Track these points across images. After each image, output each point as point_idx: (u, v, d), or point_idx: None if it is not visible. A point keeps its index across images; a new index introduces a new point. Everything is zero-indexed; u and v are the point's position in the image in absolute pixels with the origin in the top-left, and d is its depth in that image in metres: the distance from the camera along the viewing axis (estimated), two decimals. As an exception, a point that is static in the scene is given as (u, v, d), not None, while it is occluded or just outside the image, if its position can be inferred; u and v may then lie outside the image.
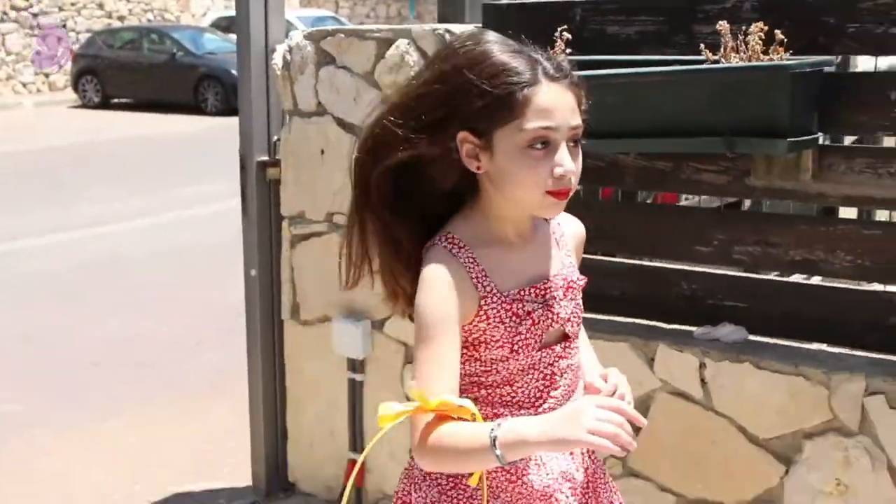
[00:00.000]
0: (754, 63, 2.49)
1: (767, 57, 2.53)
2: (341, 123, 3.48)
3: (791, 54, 2.54)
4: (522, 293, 1.73)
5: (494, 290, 1.71)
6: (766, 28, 2.53)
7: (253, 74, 3.62)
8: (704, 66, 2.54)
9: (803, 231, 2.80)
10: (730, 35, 2.54)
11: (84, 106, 19.96)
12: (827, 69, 2.57)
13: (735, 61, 2.55)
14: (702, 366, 2.88)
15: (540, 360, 1.75)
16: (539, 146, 1.65)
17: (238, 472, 4.11)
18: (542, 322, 1.73)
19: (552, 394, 1.76)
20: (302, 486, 3.90)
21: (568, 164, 1.65)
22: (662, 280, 3.04)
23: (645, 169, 2.99)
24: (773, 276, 3.11)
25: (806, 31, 2.62)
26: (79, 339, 5.98)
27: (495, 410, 1.74)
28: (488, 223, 1.75)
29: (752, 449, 2.82)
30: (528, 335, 1.72)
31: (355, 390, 3.63)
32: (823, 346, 2.83)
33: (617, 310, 3.13)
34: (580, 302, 1.81)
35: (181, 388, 5.13)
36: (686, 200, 4.69)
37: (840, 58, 3.58)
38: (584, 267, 3.14)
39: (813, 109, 2.53)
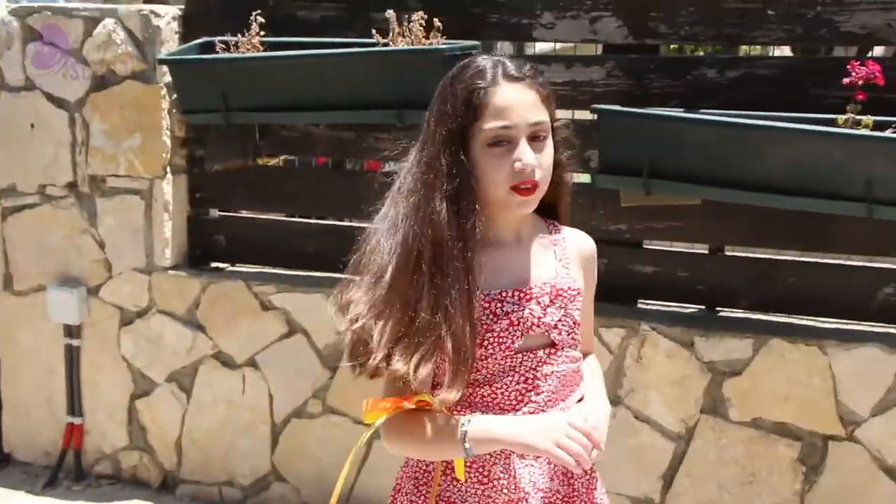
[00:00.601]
0: (416, 47, 2.94)
1: (428, 41, 2.99)
2: (51, 98, 3.64)
3: (447, 39, 3.01)
4: (503, 294, 1.74)
5: (480, 288, 1.72)
6: (426, 17, 2.98)
7: (-44, 50, 3.70)
8: (376, 48, 2.96)
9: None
10: (396, 22, 2.96)
11: None
12: (475, 52, 3.06)
13: (402, 45, 2.99)
14: (386, 309, 3.32)
15: (521, 363, 1.75)
16: (500, 144, 1.68)
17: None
18: (521, 324, 1.73)
19: (533, 398, 1.75)
20: (18, 456, 3.99)
21: (526, 157, 1.67)
22: (351, 237, 3.44)
23: (333, 139, 3.39)
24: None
25: (458, 20, 3.10)
26: None
27: (474, 412, 1.74)
28: (487, 221, 1.74)
29: (430, 378, 3.29)
30: (503, 335, 1.73)
31: (73, 355, 3.80)
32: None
33: (314, 265, 3.51)
34: (572, 312, 1.79)
35: None
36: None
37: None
38: (289, 230, 3.55)
39: (465, 86, 3.02)
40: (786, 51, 3.88)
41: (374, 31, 3.01)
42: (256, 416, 3.58)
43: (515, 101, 1.67)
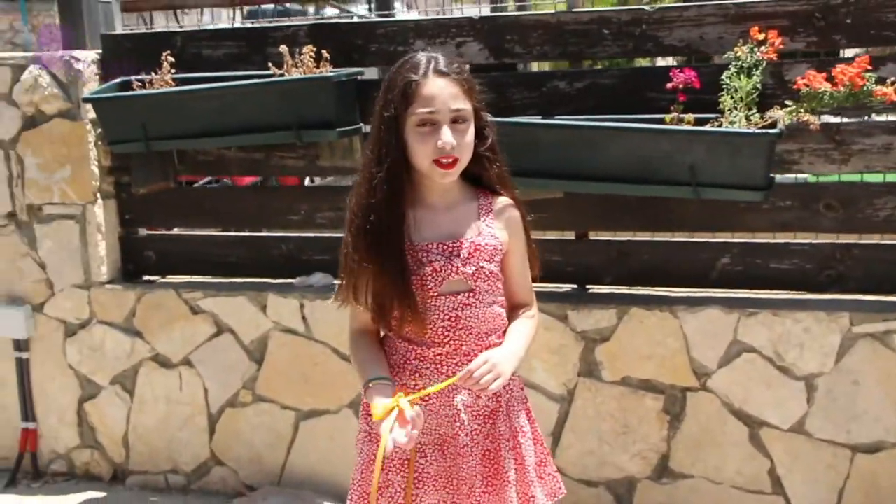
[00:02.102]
0: (308, 75, 3.38)
1: (318, 70, 3.43)
2: (-14, 138, 4.02)
3: (335, 67, 3.45)
4: (430, 245, 2.18)
5: (408, 240, 2.17)
6: (315, 49, 3.42)
7: None
8: (273, 79, 3.39)
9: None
10: (288, 55, 3.40)
11: None
12: (361, 77, 3.51)
13: (295, 74, 3.42)
14: (301, 306, 3.76)
15: (444, 304, 2.17)
16: (426, 125, 2.10)
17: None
18: (443, 271, 2.16)
19: (458, 334, 2.19)
20: (-23, 463, 4.37)
21: (445, 137, 2.08)
22: (266, 245, 3.89)
23: (245, 160, 3.82)
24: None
25: (344, 51, 3.54)
26: None
27: (411, 346, 2.22)
28: (421, 187, 2.19)
29: (344, 365, 3.74)
30: (426, 279, 2.16)
31: (23, 367, 4.18)
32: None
33: (235, 272, 3.94)
34: (489, 265, 2.20)
35: None
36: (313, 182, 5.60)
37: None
38: (211, 242, 3.96)
39: (353, 106, 3.46)
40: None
41: (270, 64, 3.44)
42: (194, 410, 3.99)
43: (440, 92, 2.09)
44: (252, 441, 3.93)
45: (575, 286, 3.62)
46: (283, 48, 3.41)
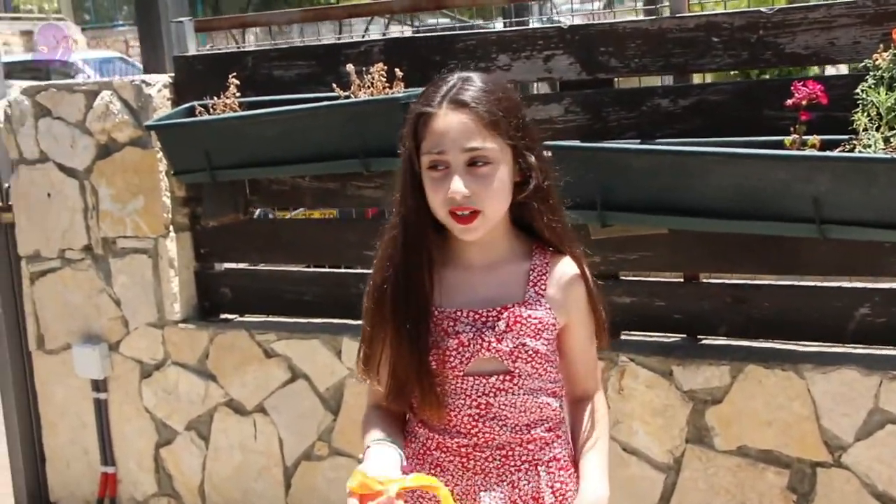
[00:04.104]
0: (373, 97, 3.02)
1: (390, 91, 3.06)
2: (62, 168, 3.84)
3: (409, 87, 3.07)
4: (458, 313, 1.76)
5: (435, 304, 1.77)
6: (385, 67, 3.05)
7: (-23, 129, 3.94)
8: (334, 102, 3.04)
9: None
10: (355, 75, 3.04)
11: None
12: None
13: (363, 96, 3.06)
14: (377, 352, 3.38)
15: (472, 386, 1.76)
16: (437, 168, 1.70)
17: (5, 501, 4.37)
18: (471, 346, 1.74)
19: (487, 425, 1.76)
20: (63, 504, 4.22)
21: (454, 185, 1.67)
22: (343, 282, 3.54)
23: (320, 189, 3.49)
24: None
25: (419, 68, 3.16)
26: None
27: (432, 433, 1.80)
28: (454, 241, 1.79)
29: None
30: (451, 354, 1.74)
31: (101, 408, 3.98)
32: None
33: (311, 311, 3.61)
34: (533, 342, 1.76)
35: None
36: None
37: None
38: (279, 276, 3.65)
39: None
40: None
41: (334, 85, 3.09)
42: (269, 460, 3.69)
43: (451, 128, 1.68)
44: (328, 497, 3.58)
45: (683, 336, 3.11)
46: (350, 67, 3.06)
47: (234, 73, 3.36)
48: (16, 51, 24.02)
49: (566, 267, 1.84)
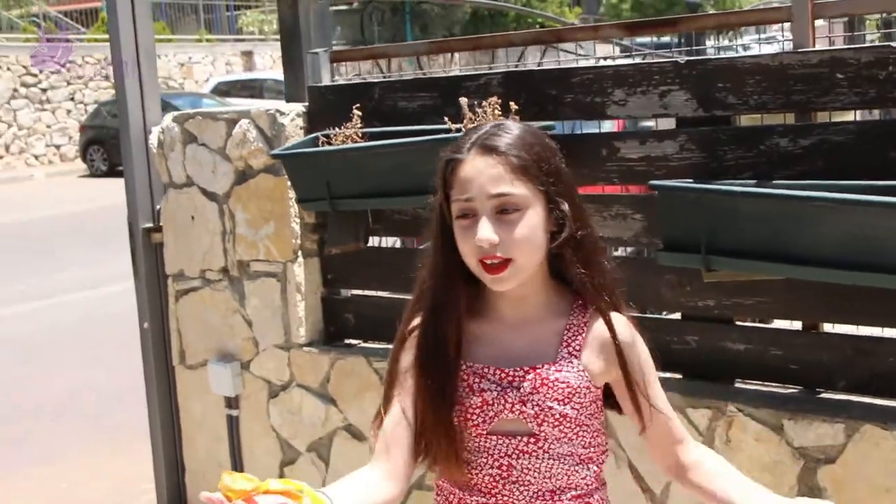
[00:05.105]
0: (482, 132, 3.00)
1: (502, 125, 3.04)
2: (205, 192, 4.02)
3: (524, 121, 3.04)
4: (485, 370, 1.71)
5: (463, 359, 1.73)
6: (499, 100, 3.04)
7: (134, 152, 4.19)
8: (443, 135, 3.05)
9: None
10: (467, 108, 3.05)
11: (92, 175, 20.79)
12: (551, 132, 3.07)
13: (475, 130, 3.06)
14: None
15: (495, 446, 1.70)
16: (466, 217, 1.66)
17: (150, 506, 4.60)
18: (495, 405, 1.69)
19: (508, 487, 1.70)
20: (200, 514, 4.38)
21: (482, 232, 1.62)
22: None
23: (439, 221, 3.50)
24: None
25: (535, 102, 3.13)
26: (31, 393, 6.53)
27: (454, 489, 1.76)
28: (490, 293, 1.74)
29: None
30: (474, 412, 1.70)
31: (233, 425, 4.13)
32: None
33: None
34: (560, 406, 1.69)
35: (114, 436, 5.64)
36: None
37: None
38: (400, 304, 3.67)
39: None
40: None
41: (446, 119, 3.11)
42: (384, 488, 3.71)
43: (478, 174, 1.64)
44: (438, 529, 3.57)
45: (800, 389, 2.94)
46: (463, 100, 3.07)
47: (362, 104, 3.43)
48: (236, 70, 25.48)
49: (614, 324, 1.74)
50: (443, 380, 1.70)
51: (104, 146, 20.65)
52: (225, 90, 21.74)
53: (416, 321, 1.78)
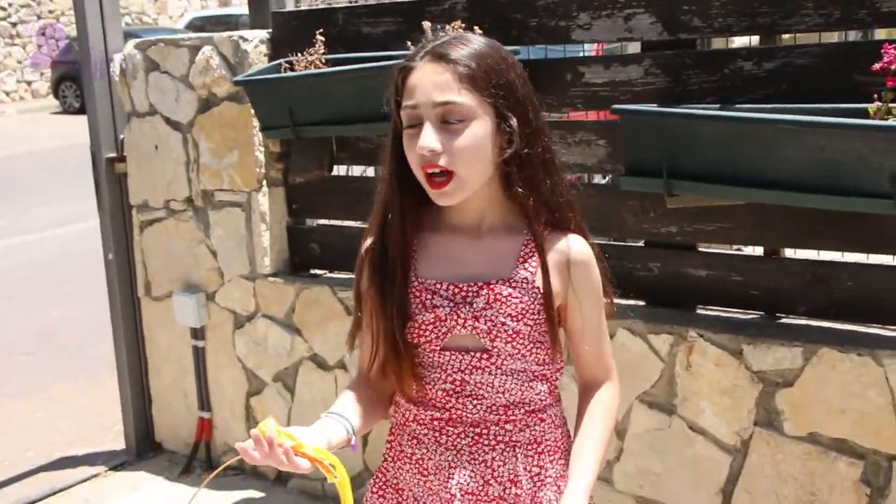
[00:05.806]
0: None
1: (466, 50, 3.00)
2: (168, 121, 3.97)
3: (487, 46, 3.00)
4: (437, 285, 1.68)
5: (417, 274, 1.70)
6: (464, 25, 2.99)
7: (95, 81, 4.11)
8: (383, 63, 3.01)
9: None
10: (430, 32, 2.99)
11: (65, 111, 20.51)
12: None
13: (438, 54, 3.01)
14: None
15: (448, 362, 1.69)
16: (413, 125, 1.61)
17: (120, 438, 4.59)
18: (448, 321, 1.67)
19: (461, 401, 1.69)
20: (167, 445, 4.39)
21: (424, 139, 1.57)
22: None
23: (403, 149, 3.46)
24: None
25: (500, 26, 3.09)
26: (11, 329, 6.50)
27: (410, 405, 1.74)
28: (443, 211, 1.71)
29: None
30: (426, 328, 1.67)
31: (199, 356, 4.12)
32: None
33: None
34: (513, 322, 1.67)
35: (91, 369, 5.62)
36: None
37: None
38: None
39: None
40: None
41: (409, 43, 3.05)
42: (349, 416, 3.72)
43: (425, 81, 1.60)
44: (403, 456, 3.59)
45: (761, 314, 2.95)
46: (425, 24, 3.00)
47: (325, 30, 3.38)
48: (211, 5, 25.08)
49: (567, 242, 1.71)
50: (392, 296, 1.68)
51: (76, 83, 20.31)
52: (200, 25, 21.37)
53: (370, 239, 1.76)
